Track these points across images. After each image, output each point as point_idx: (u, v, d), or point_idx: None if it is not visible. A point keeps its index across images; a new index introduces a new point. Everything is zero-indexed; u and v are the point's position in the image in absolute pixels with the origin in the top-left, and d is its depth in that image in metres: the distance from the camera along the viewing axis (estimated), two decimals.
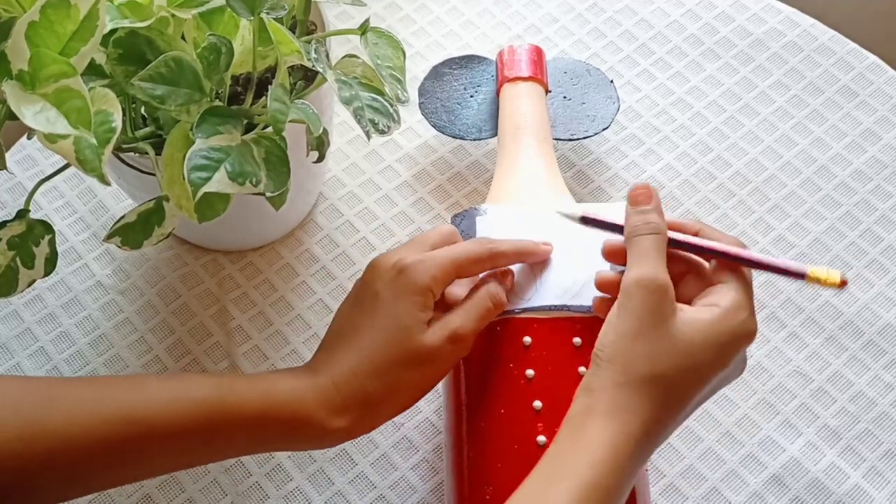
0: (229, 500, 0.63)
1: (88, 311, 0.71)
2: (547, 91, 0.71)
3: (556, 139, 0.71)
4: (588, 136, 0.72)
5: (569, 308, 0.56)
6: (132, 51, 0.51)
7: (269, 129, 0.53)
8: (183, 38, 0.54)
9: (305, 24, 0.62)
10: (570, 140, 0.72)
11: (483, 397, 0.55)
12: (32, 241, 0.56)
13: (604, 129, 0.72)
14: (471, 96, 0.73)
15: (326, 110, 0.64)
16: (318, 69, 0.54)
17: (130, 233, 0.56)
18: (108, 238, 0.55)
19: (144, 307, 0.71)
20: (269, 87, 0.53)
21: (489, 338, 0.55)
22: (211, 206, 0.53)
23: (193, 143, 0.50)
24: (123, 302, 0.71)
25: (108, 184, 0.47)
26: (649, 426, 0.46)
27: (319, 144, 0.58)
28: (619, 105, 0.73)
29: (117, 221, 0.56)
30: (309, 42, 0.56)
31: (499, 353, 0.55)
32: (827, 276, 0.49)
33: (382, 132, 0.57)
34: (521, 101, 0.69)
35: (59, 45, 0.46)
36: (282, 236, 0.73)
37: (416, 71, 0.78)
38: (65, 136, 0.45)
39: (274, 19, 0.52)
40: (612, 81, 0.74)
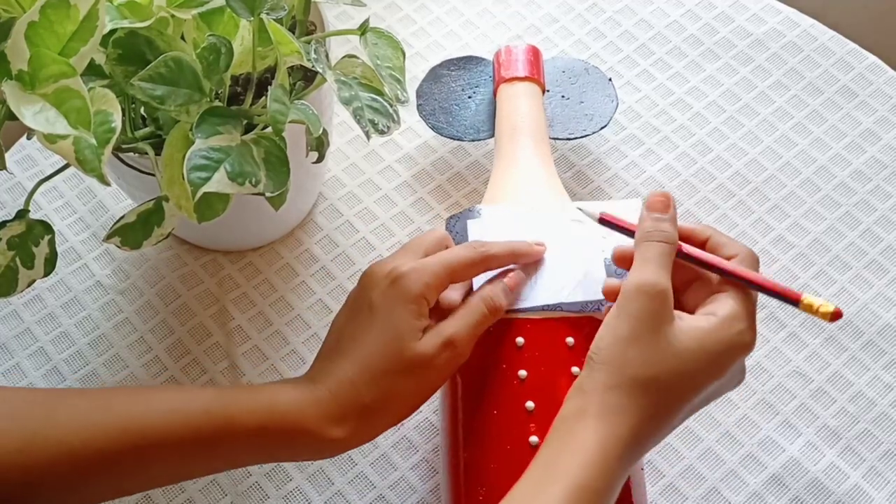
0: (229, 500, 0.63)
1: (88, 311, 0.71)
2: (544, 91, 0.71)
3: (554, 138, 0.71)
4: (586, 136, 0.72)
5: (563, 307, 0.56)
6: (132, 51, 0.51)
7: (269, 129, 0.53)
8: (183, 38, 0.54)
9: (305, 25, 0.62)
10: (569, 139, 0.72)
11: (476, 398, 0.55)
12: (32, 241, 0.56)
13: (602, 127, 0.72)
14: (469, 97, 0.73)
15: (326, 110, 0.64)
16: (318, 69, 0.54)
17: (130, 233, 0.56)
18: (107, 238, 0.55)
19: (144, 307, 0.71)
20: (268, 87, 0.53)
21: (482, 338, 0.55)
22: (210, 206, 0.54)
23: (193, 143, 0.50)
24: (123, 302, 0.71)
25: (108, 184, 0.47)
26: (638, 430, 0.46)
27: (319, 145, 0.58)
28: (617, 104, 0.73)
29: (117, 221, 0.56)
30: (309, 42, 0.56)
31: (492, 354, 0.55)
32: (820, 306, 0.49)
33: (382, 132, 0.57)
34: (517, 102, 0.69)
35: (59, 45, 0.46)
36: (281, 236, 0.73)
37: (416, 71, 0.78)
38: (64, 137, 0.45)
39: (274, 20, 0.52)
40: (610, 80, 0.74)
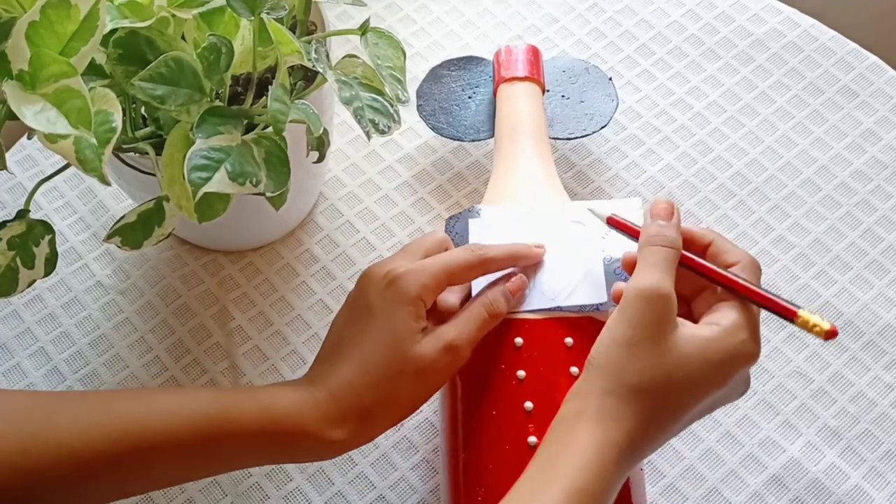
0: (229, 501, 0.63)
1: (88, 312, 0.71)
2: (544, 91, 0.71)
3: (554, 138, 0.71)
4: (586, 135, 0.72)
5: (562, 309, 0.56)
6: (132, 51, 0.51)
7: (270, 129, 0.53)
8: (183, 38, 0.54)
9: (305, 25, 0.62)
10: (569, 139, 0.72)
11: (475, 399, 0.55)
12: (32, 241, 0.56)
13: (602, 127, 0.72)
14: (469, 97, 0.73)
15: (327, 110, 0.64)
16: (319, 69, 0.54)
17: (130, 233, 0.56)
18: (108, 238, 0.55)
19: (144, 307, 0.71)
20: (269, 87, 0.53)
21: (481, 339, 0.55)
22: (211, 206, 0.53)
23: (193, 143, 0.50)
24: (123, 302, 0.71)
25: (109, 184, 0.47)
26: (634, 436, 0.46)
27: (320, 145, 0.58)
28: (617, 103, 0.72)
29: (117, 221, 0.56)
30: (309, 42, 0.56)
31: (490, 354, 0.55)
32: (815, 325, 0.48)
33: (382, 132, 0.57)
34: (517, 102, 0.69)
35: (60, 45, 0.46)
36: (282, 236, 0.73)
37: (417, 71, 0.78)
38: (65, 136, 0.45)
39: (274, 19, 0.52)
40: (610, 79, 0.74)
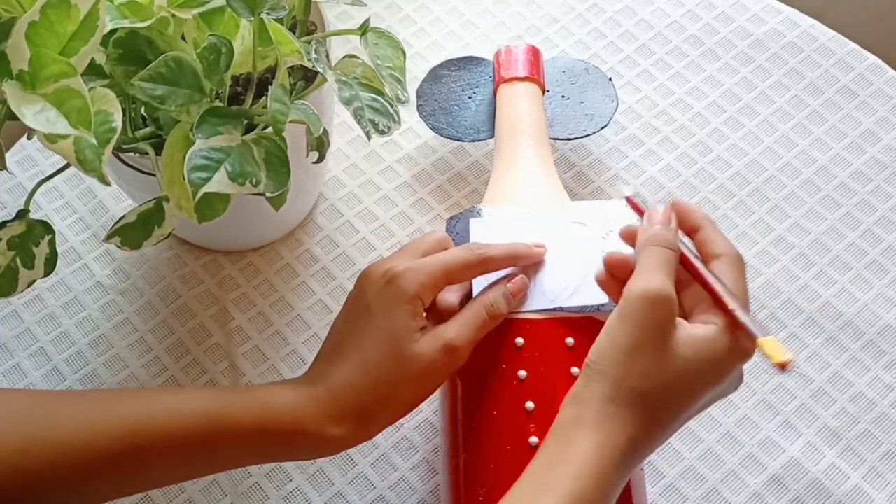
0: (229, 501, 0.63)
1: (88, 312, 0.70)
2: (544, 91, 0.71)
3: (554, 139, 0.71)
4: (586, 136, 0.72)
5: (563, 310, 0.56)
6: (132, 51, 0.51)
7: (269, 129, 0.53)
8: (183, 38, 0.54)
9: (305, 25, 0.62)
10: (569, 139, 0.72)
11: (476, 399, 0.55)
12: (32, 241, 0.56)
13: (602, 127, 0.72)
14: (469, 97, 0.73)
15: (326, 111, 0.64)
16: (319, 69, 0.54)
17: (130, 233, 0.56)
18: (107, 238, 0.55)
19: (144, 307, 0.71)
20: (269, 87, 0.53)
21: (481, 339, 0.55)
22: (211, 206, 0.54)
23: (193, 143, 0.50)
24: (123, 302, 0.71)
25: (108, 184, 0.47)
26: (636, 440, 0.46)
27: (319, 145, 0.58)
28: (617, 104, 0.73)
29: (117, 222, 0.56)
30: (309, 42, 0.56)
31: (491, 354, 0.55)
32: (774, 353, 0.46)
33: (382, 132, 0.57)
34: (517, 102, 0.69)
35: (60, 45, 0.46)
36: (282, 236, 0.73)
37: (417, 71, 0.78)
38: (65, 136, 0.45)
39: (274, 19, 0.52)
40: (610, 80, 0.74)
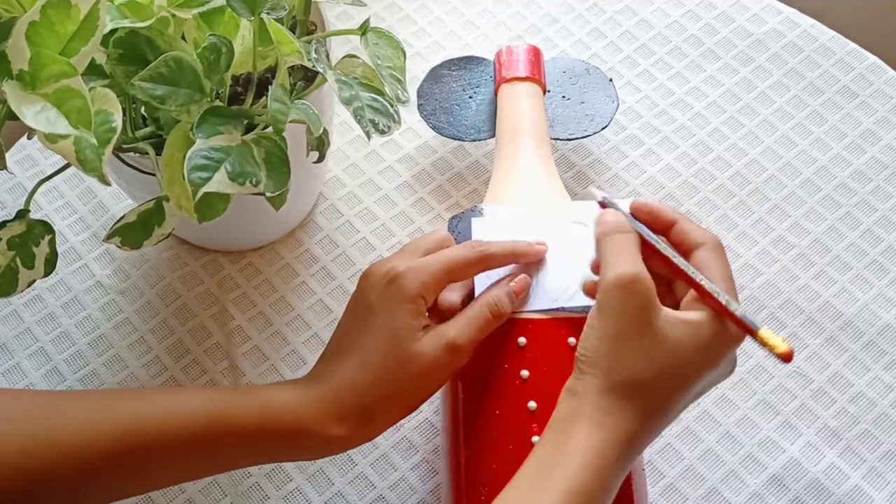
0: (229, 501, 0.63)
1: (88, 312, 0.70)
2: (545, 91, 0.71)
3: (554, 139, 0.71)
4: (587, 136, 0.72)
5: (565, 310, 0.56)
6: (132, 51, 0.51)
7: (270, 129, 0.53)
8: (183, 38, 0.54)
9: (305, 25, 0.62)
10: (569, 140, 0.72)
11: (478, 398, 0.55)
12: (32, 241, 0.56)
13: (602, 128, 0.72)
14: (469, 97, 0.73)
15: (327, 110, 0.64)
16: (319, 69, 0.54)
17: (130, 233, 0.56)
18: (107, 238, 0.55)
19: (144, 307, 0.71)
20: (269, 87, 0.53)
21: (484, 338, 0.55)
22: (211, 206, 0.53)
23: (193, 143, 0.50)
24: (123, 302, 0.71)
25: (109, 184, 0.47)
26: (634, 432, 0.46)
27: (319, 145, 0.58)
28: (618, 104, 0.73)
29: (117, 221, 0.56)
30: (309, 42, 0.56)
31: (494, 354, 0.55)
32: (776, 344, 0.46)
33: (382, 132, 0.57)
34: (518, 102, 0.69)
35: (60, 45, 0.46)
36: (282, 236, 0.73)
37: (417, 71, 0.78)
38: (65, 136, 0.45)
39: (274, 19, 0.52)
40: (611, 80, 0.74)
